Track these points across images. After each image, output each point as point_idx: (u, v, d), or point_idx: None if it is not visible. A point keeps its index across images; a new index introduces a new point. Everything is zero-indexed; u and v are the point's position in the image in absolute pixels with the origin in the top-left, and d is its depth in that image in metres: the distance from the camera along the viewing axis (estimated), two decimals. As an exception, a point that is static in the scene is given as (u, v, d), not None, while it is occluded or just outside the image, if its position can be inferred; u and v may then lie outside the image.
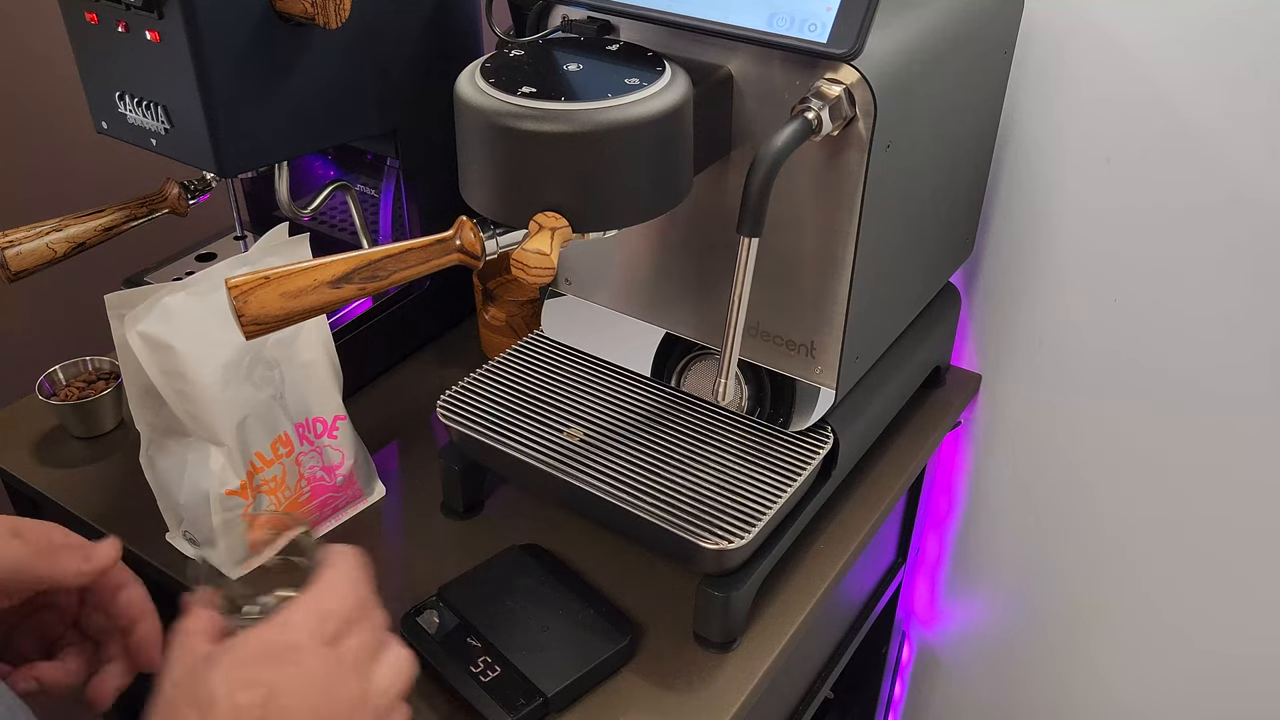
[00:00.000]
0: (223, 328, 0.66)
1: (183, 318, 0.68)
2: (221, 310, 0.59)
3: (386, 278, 0.58)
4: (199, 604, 0.47)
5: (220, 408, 0.69)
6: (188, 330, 0.68)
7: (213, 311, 0.69)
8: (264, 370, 0.72)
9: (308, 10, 0.69)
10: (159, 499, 0.75)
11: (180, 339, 0.68)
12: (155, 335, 0.68)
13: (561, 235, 0.56)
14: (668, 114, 0.57)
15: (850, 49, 0.57)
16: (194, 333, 0.68)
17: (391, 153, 0.88)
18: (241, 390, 0.70)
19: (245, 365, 0.71)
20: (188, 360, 0.68)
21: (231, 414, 0.70)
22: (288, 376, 0.74)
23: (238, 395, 0.70)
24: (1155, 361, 0.89)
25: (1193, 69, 0.77)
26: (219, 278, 0.70)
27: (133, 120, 0.75)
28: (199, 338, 0.68)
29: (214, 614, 0.47)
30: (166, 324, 0.68)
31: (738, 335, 0.60)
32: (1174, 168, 0.81)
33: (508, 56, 0.62)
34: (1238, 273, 0.82)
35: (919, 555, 1.15)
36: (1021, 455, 1.02)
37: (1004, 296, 0.95)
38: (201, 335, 0.68)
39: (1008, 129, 0.87)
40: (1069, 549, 1.03)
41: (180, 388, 0.69)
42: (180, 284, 0.71)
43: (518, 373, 0.81)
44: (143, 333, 0.68)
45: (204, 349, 0.69)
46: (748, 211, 0.57)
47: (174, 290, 0.69)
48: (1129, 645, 1.03)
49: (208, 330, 0.69)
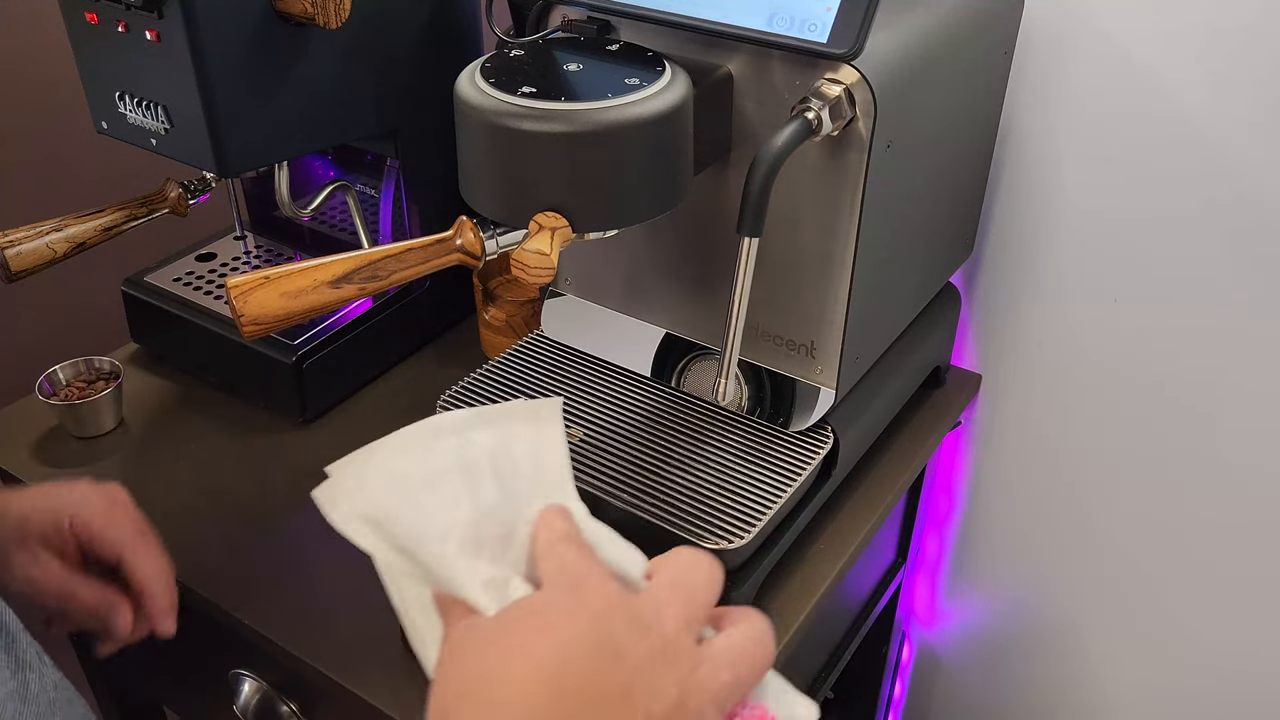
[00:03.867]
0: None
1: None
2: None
3: (386, 278, 0.58)
4: None
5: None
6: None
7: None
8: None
9: (308, 10, 0.69)
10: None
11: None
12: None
13: (561, 235, 0.56)
14: (668, 114, 0.57)
15: (850, 49, 0.57)
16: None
17: (391, 153, 0.88)
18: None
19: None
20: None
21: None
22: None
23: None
24: (1155, 361, 0.89)
25: (1193, 70, 0.77)
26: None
27: (133, 120, 0.75)
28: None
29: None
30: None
31: (738, 335, 0.60)
32: (1174, 168, 0.81)
33: (508, 56, 0.62)
34: (1238, 273, 0.82)
35: (919, 555, 1.15)
36: (1021, 455, 1.02)
37: (1004, 296, 0.95)
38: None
39: (1008, 129, 0.87)
40: (1069, 549, 1.03)
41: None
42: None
43: (518, 373, 0.81)
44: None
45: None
46: (748, 211, 0.57)
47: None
48: (1129, 645, 1.03)
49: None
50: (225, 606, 0.72)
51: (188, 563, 0.74)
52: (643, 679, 0.32)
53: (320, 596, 0.73)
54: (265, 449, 0.85)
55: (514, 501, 0.41)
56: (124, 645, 0.66)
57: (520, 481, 0.42)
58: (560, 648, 0.32)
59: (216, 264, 0.97)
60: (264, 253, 0.99)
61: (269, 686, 0.78)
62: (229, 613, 0.71)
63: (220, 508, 0.80)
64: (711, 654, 0.35)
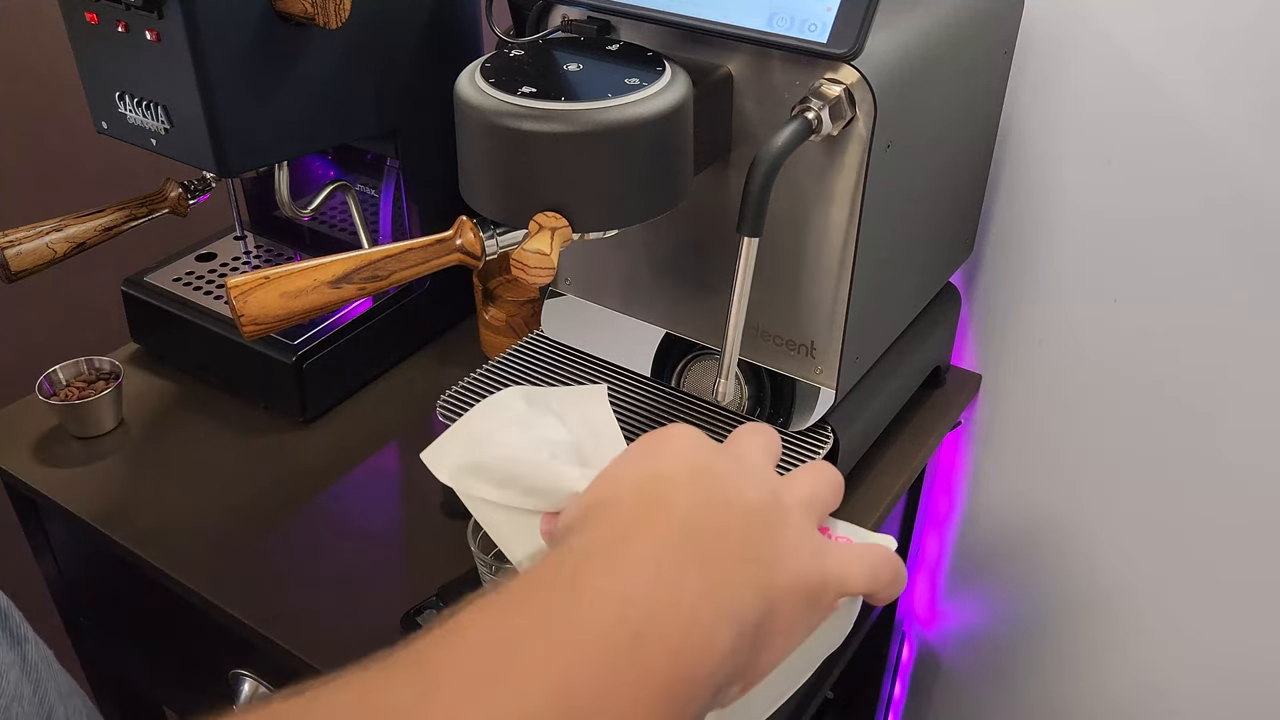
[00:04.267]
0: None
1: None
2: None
3: (386, 278, 0.58)
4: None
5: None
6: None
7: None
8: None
9: (308, 10, 0.69)
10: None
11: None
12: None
13: (561, 235, 0.56)
14: (668, 114, 0.57)
15: (850, 49, 0.57)
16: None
17: (391, 153, 0.88)
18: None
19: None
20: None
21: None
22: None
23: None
24: (1155, 361, 0.89)
25: (1193, 70, 0.77)
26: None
27: (133, 120, 0.75)
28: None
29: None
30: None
31: (738, 335, 0.60)
32: (1174, 168, 0.81)
33: (508, 56, 0.62)
34: (1238, 273, 0.82)
35: (919, 555, 1.15)
36: (1021, 455, 1.02)
37: (1004, 296, 0.95)
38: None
39: (1008, 129, 0.87)
40: (1068, 549, 1.03)
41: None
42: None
43: (518, 373, 0.81)
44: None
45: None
46: (748, 211, 0.57)
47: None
48: (1129, 645, 1.03)
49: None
50: (225, 606, 0.72)
51: (188, 563, 0.75)
52: (739, 475, 0.38)
53: (320, 596, 0.73)
54: (265, 449, 0.85)
55: (581, 447, 0.47)
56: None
57: (583, 429, 0.48)
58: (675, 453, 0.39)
59: (216, 264, 0.97)
60: (264, 253, 0.99)
61: (269, 687, 0.78)
62: (229, 613, 0.71)
63: (220, 508, 0.80)
64: (789, 474, 0.41)
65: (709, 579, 0.33)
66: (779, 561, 0.36)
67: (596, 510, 0.37)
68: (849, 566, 0.39)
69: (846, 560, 0.39)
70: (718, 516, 0.36)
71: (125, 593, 0.90)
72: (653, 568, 0.33)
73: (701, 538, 0.34)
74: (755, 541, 0.36)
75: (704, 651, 0.32)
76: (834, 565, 0.38)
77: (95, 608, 0.96)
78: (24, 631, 0.52)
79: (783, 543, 0.36)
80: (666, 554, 0.33)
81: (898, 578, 0.41)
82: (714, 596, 0.33)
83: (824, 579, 0.37)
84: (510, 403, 0.50)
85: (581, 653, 0.30)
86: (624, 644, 0.31)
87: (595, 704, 0.29)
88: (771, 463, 0.42)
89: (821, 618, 0.38)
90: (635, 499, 0.36)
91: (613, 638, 0.31)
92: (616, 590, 0.32)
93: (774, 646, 0.36)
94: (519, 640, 0.30)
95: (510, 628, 0.31)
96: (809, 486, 0.41)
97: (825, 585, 0.37)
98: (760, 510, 0.37)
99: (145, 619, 0.91)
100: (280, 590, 0.73)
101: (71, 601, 0.97)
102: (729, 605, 0.33)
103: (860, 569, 0.39)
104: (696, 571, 0.33)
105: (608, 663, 0.30)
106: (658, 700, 0.30)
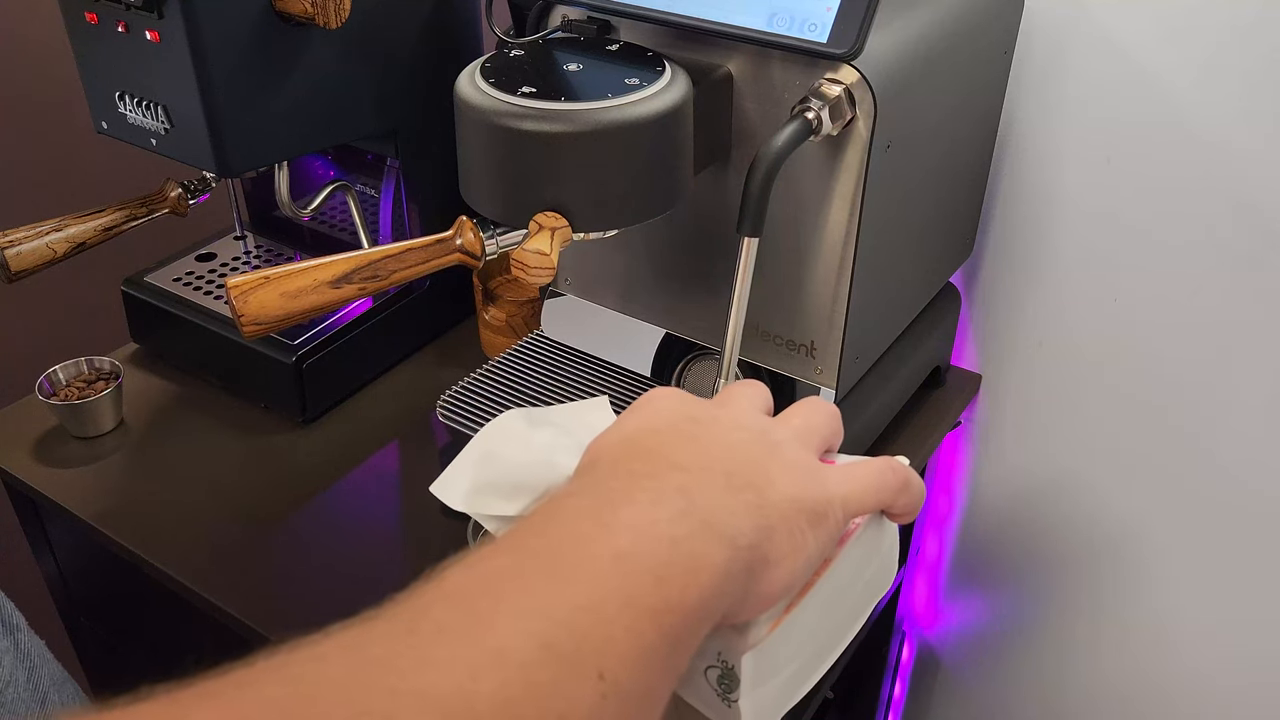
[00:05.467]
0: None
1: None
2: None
3: (386, 278, 0.58)
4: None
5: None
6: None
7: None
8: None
9: (308, 10, 0.69)
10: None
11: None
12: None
13: (561, 235, 0.56)
14: (668, 114, 0.57)
15: (850, 49, 0.57)
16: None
17: (391, 153, 0.88)
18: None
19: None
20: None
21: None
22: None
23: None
24: (1155, 362, 0.89)
25: (1193, 69, 0.77)
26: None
27: (133, 120, 0.75)
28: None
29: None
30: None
31: (738, 335, 0.60)
32: (1174, 168, 0.81)
33: (508, 56, 0.62)
34: (1238, 273, 0.82)
35: (919, 555, 1.15)
36: (1021, 455, 1.02)
37: (1004, 296, 0.95)
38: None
39: (1008, 129, 0.87)
40: (1069, 549, 1.03)
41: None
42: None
43: (518, 373, 0.81)
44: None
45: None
46: (748, 211, 0.57)
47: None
48: (1129, 645, 1.03)
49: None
50: (225, 606, 0.72)
51: (188, 563, 0.75)
52: (724, 420, 0.39)
53: (320, 596, 0.73)
54: (265, 449, 0.85)
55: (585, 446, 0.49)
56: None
57: (586, 434, 0.49)
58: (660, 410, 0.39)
59: (216, 264, 0.97)
60: (264, 253, 0.99)
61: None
62: (229, 613, 0.71)
63: (220, 508, 0.80)
64: (781, 412, 0.41)
65: (694, 503, 0.33)
66: (770, 483, 0.36)
67: (580, 472, 0.37)
68: (850, 482, 0.38)
69: (847, 476, 0.38)
70: (702, 453, 0.36)
71: (125, 593, 0.90)
72: (637, 496, 0.33)
73: (687, 472, 0.34)
74: (742, 470, 0.36)
75: (691, 573, 0.31)
76: (835, 483, 0.38)
77: (95, 608, 0.96)
78: (16, 620, 0.52)
79: (774, 466, 0.36)
80: (649, 483, 0.34)
81: (908, 485, 0.40)
82: (699, 516, 0.33)
83: (825, 496, 0.37)
84: (510, 424, 0.51)
85: (562, 581, 0.30)
86: (606, 565, 0.30)
87: (581, 632, 0.29)
88: (761, 412, 0.41)
89: (832, 538, 0.37)
90: (619, 450, 0.37)
91: (595, 562, 0.30)
92: (597, 521, 0.32)
93: (779, 569, 0.35)
94: (497, 580, 0.30)
95: (488, 570, 0.31)
96: (801, 419, 0.41)
97: (828, 502, 0.37)
98: (747, 444, 0.37)
99: (145, 619, 0.91)
100: (280, 590, 0.73)
101: (71, 601, 0.97)
102: (717, 525, 0.33)
103: (863, 481, 0.39)
104: (681, 499, 0.33)
105: (590, 590, 0.30)
106: (647, 625, 0.30)
